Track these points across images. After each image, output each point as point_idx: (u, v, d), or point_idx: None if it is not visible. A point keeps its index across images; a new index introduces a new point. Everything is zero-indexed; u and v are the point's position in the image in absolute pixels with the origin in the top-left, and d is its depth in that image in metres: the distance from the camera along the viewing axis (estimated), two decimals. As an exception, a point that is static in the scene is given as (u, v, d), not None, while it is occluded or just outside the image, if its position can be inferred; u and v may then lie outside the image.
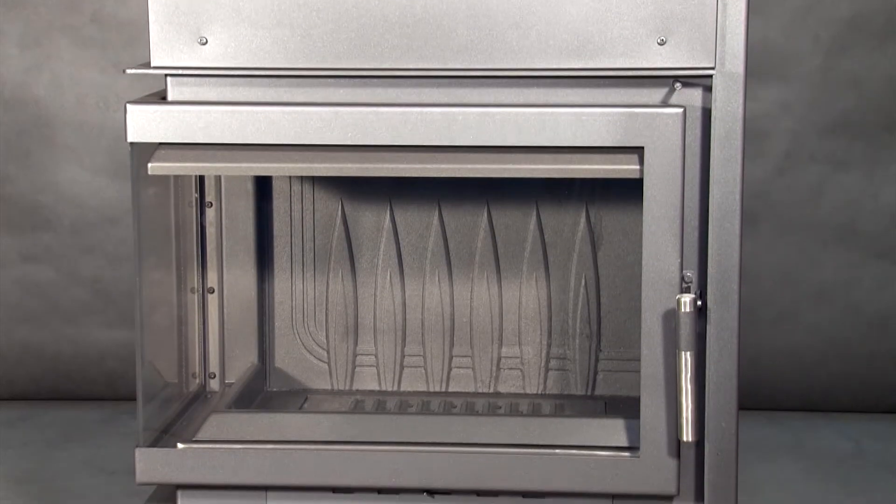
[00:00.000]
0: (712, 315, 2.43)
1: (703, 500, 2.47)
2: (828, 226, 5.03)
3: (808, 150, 4.92)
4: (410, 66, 2.43)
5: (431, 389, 2.93)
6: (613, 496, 2.50)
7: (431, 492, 2.52)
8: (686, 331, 2.38)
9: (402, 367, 2.93)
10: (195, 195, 2.85)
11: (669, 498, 2.49)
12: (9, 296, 5.24)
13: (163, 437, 2.60)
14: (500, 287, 2.90)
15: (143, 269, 2.59)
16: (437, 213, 2.91)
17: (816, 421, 5.02)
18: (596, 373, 2.90)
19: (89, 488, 4.38)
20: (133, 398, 2.55)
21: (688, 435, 2.41)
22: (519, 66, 2.41)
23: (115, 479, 4.43)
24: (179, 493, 2.56)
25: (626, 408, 2.67)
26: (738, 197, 2.42)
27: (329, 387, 2.95)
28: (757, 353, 4.98)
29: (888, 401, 5.12)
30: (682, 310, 2.38)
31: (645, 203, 2.40)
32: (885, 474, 4.48)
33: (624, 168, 2.40)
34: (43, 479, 4.47)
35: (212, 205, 2.88)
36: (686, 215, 2.42)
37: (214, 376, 2.90)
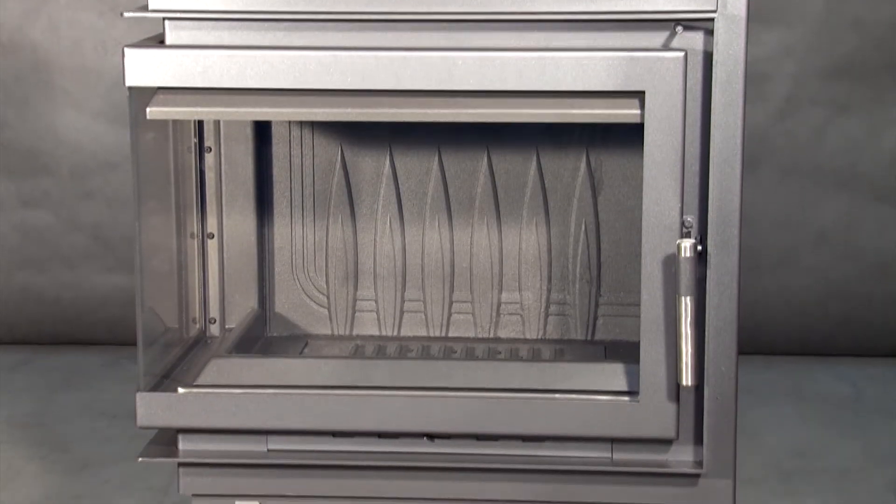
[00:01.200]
0: (712, 260, 2.43)
1: (701, 443, 2.48)
2: (828, 170, 5.02)
3: (809, 93, 4.90)
4: (410, 10, 2.41)
5: (431, 335, 2.93)
6: (613, 440, 2.51)
7: (431, 436, 2.53)
8: (686, 276, 2.38)
9: (402, 313, 2.94)
10: (194, 140, 2.85)
11: (668, 442, 2.50)
12: (8, 241, 5.24)
13: (163, 381, 2.60)
14: (500, 232, 2.90)
15: (142, 214, 2.59)
16: (436, 158, 2.90)
17: (815, 365, 5.04)
18: (596, 318, 2.90)
19: (91, 432, 4.40)
20: (133, 343, 2.56)
21: (687, 379, 2.41)
22: (519, 10, 2.40)
23: (117, 423, 4.45)
24: (180, 436, 2.57)
25: (625, 352, 2.68)
26: (738, 141, 2.41)
27: (329, 332, 2.96)
28: (757, 297, 5.00)
29: (887, 344, 5.13)
30: (682, 255, 2.38)
31: (645, 148, 2.40)
32: (882, 418, 4.50)
33: (624, 112, 2.39)
34: (44, 423, 4.49)
35: (211, 150, 2.87)
36: (687, 160, 2.42)
37: (214, 321, 2.90)
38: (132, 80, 2.44)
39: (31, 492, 3.91)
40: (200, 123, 2.85)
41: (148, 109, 2.45)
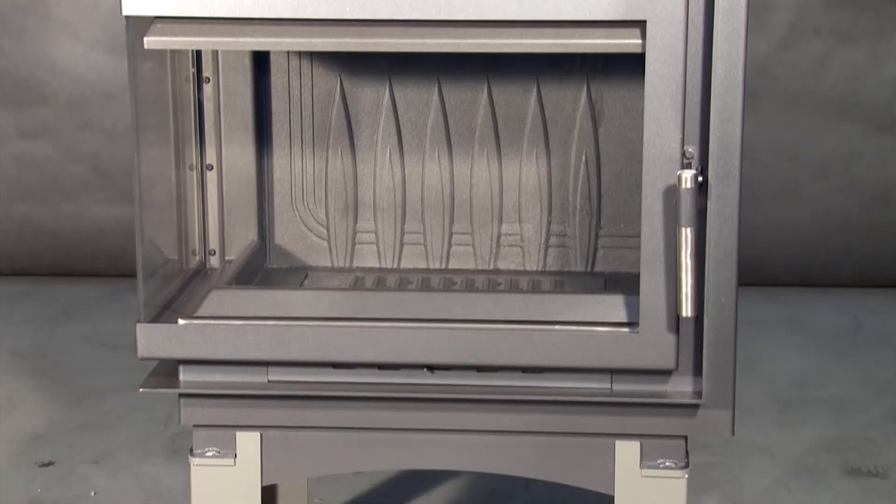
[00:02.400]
0: (713, 191, 2.42)
1: (701, 374, 2.48)
2: (830, 100, 5.00)
3: (812, 22, 4.86)
4: (409, -61, 2.38)
5: (431, 267, 2.93)
6: (612, 371, 2.52)
7: (431, 367, 2.54)
8: (686, 207, 2.38)
9: (401, 245, 2.94)
10: (192, 70, 2.83)
11: (668, 372, 2.51)
12: (7, 172, 5.23)
13: (163, 313, 2.61)
14: (500, 164, 2.89)
15: (140, 145, 2.57)
16: (436, 89, 2.89)
17: (815, 296, 5.05)
18: (596, 249, 2.90)
19: (92, 363, 4.43)
20: (133, 274, 2.56)
21: (687, 310, 2.42)
22: (520, -62, 2.37)
23: (118, 355, 4.48)
24: (181, 367, 2.57)
25: (625, 284, 2.68)
26: (740, 71, 2.39)
27: (329, 264, 2.96)
28: (757, 229, 5.00)
29: (887, 275, 5.14)
30: (683, 186, 2.38)
31: (647, 78, 2.38)
32: (882, 347, 4.52)
33: (625, 42, 2.38)
34: (45, 354, 4.51)
35: (209, 80, 2.85)
36: (688, 90, 2.40)
37: (214, 253, 2.90)
38: (129, 8, 2.42)
39: (33, 421, 3.94)
40: (199, 53, 2.83)
41: (145, 39, 2.43)
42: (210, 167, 2.88)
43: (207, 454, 2.60)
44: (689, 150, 2.42)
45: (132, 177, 2.58)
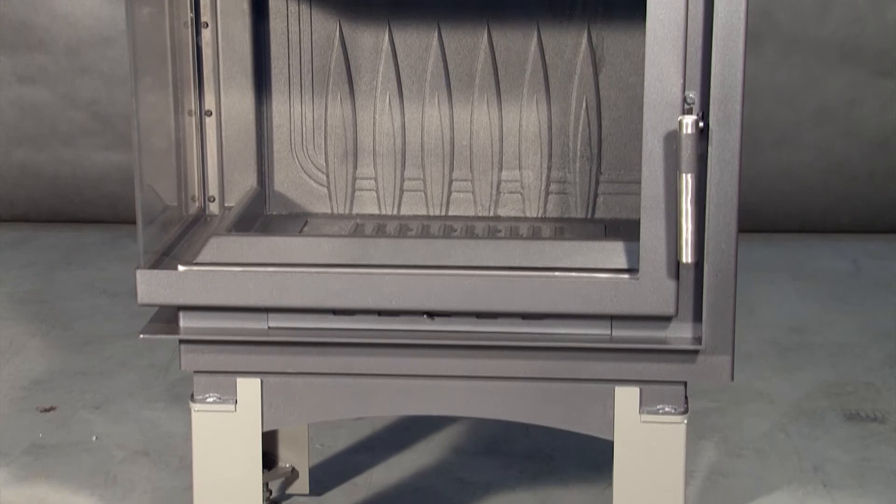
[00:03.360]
0: (714, 136, 2.41)
1: (700, 320, 2.49)
2: (832, 44, 4.97)
3: (814, -34, 4.83)
4: None
5: (431, 213, 2.93)
6: (612, 317, 2.52)
7: (431, 314, 2.54)
8: (687, 152, 2.37)
9: (401, 191, 2.93)
10: (190, 15, 2.81)
11: (667, 318, 2.51)
12: (6, 117, 5.21)
13: (163, 259, 2.61)
14: (500, 110, 2.88)
15: (139, 91, 2.56)
16: (436, 33, 2.87)
17: (814, 242, 5.05)
18: (596, 196, 2.89)
19: (92, 309, 4.43)
20: (133, 221, 2.56)
21: (687, 256, 2.41)
22: None
23: (118, 301, 4.48)
24: (181, 314, 2.58)
25: (625, 230, 2.67)
26: (742, 15, 2.38)
27: (329, 210, 2.95)
28: (757, 174, 4.99)
29: (887, 220, 5.13)
30: (684, 131, 2.37)
31: (648, 22, 2.36)
32: (880, 292, 4.52)
33: (627, -13, 2.36)
34: (46, 300, 4.52)
35: (207, 25, 2.84)
36: (689, 35, 2.39)
37: (214, 200, 2.89)
38: (126, -46, 2.40)
39: (34, 367, 3.95)
40: (196, -2, 2.81)
41: (142, -16, 2.41)
42: (209, 113, 2.87)
43: (208, 400, 2.61)
44: (690, 95, 2.41)
45: (131, 123, 2.57)
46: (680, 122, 2.37)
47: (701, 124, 2.38)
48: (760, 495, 3.15)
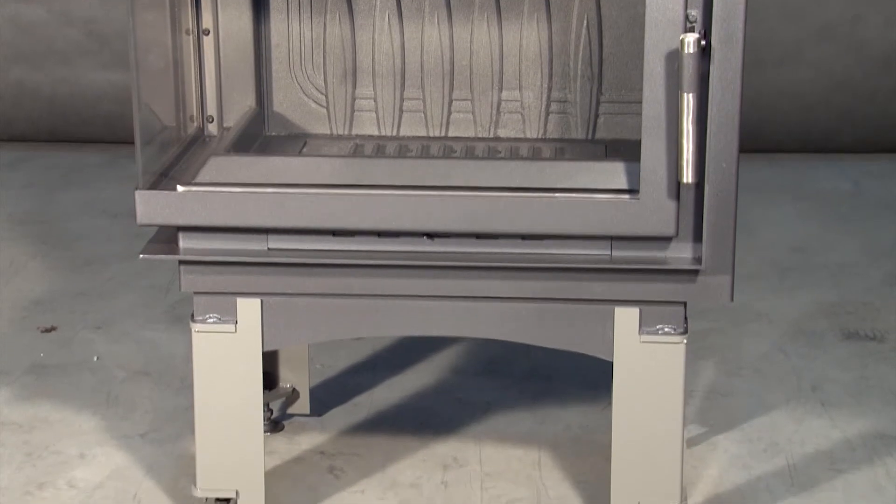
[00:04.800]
0: (716, 55, 2.39)
1: (701, 240, 2.48)
2: (836, -38, 4.92)
3: None
4: None
5: (431, 134, 2.91)
6: (612, 238, 2.51)
7: (431, 234, 2.53)
8: (689, 71, 2.35)
9: (401, 112, 2.91)
10: (187, -68, 2.78)
11: (668, 239, 2.51)
12: (2, 35, 5.17)
13: (162, 179, 2.60)
14: (500, 29, 2.85)
15: (135, 8, 2.54)
16: (435, -50, 2.84)
17: (816, 162, 5.04)
18: (597, 116, 2.88)
19: (92, 229, 4.43)
20: (131, 141, 2.54)
21: (688, 176, 2.41)
22: None
23: (117, 222, 4.48)
24: (180, 234, 2.57)
25: (626, 151, 2.66)
26: (745, -68, 2.35)
27: (328, 131, 2.94)
28: (759, 93, 4.96)
29: (889, 139, 5.11)
30: (686, 50, 2.35)
31: (650, -60, 2.34)
32: (882, 211, 4.52)
33: None
34: (45, 221, 4.51)
35: (204, -57, 2.80)
36: (692, -48, 2.36)
37: (212, 120, 2.88)
38: None
39: (34, 287, 3.95)
40: (193, -85, 2.78)
41: None
42: (206, 32, 2.84)
43: (208, 321, 2.61)
44: (693, 13, 2.39)
45: (128, 41, 2.55)
46: (682, 41, 2.35)
47: (703, 42, 2.36)
48: (759, 414, 3.17)
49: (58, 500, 2.83)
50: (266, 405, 3.02)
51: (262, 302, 2.60)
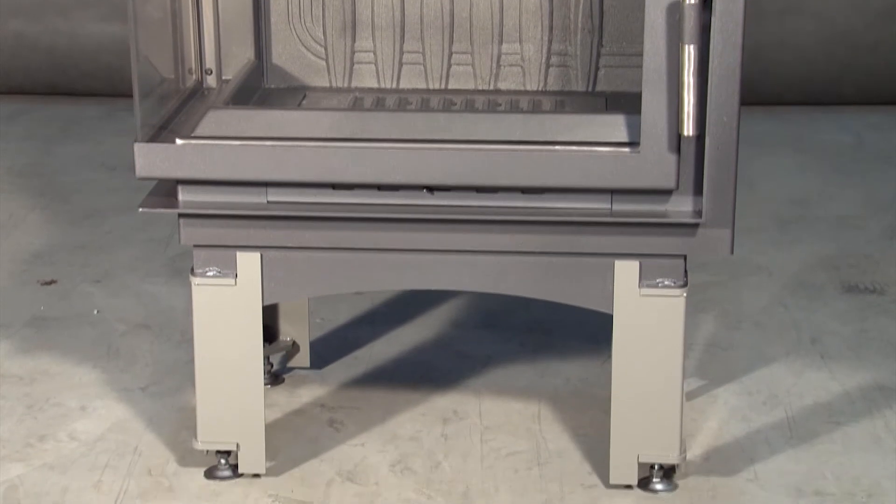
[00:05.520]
0: (717, 6, 2.38)
1: (701, 193, 2.48)
2: (838, -88, 4.89)
3: None
4: None
5: (431, 87, 2.90)
6: (612, 191, 2.51)
7: (431, 188, 2.53)
8: (690, 23, 2.34)
9: (400, 64, 2.90)
10: None
11: (668, 192, 2.50)
12: (-2, -13, 5.14)
13: (161, 132, 2.59)
14: (500, -20, 2.83)
15: (133, -39, 2.52)
16: None
17: (817, 115, 5.02)
18: (597, 69, 2.86)
19: (91, 182, 4.42)
20: (130, 94, 2.53)
21: (688, 129, 2.40)
22: None
23: (116, 175, 4.47)
24: (180, 187, 2.57)
25: (627, 103, 2.65)
26: None
27: (327, 84, 2.92)
28: (760, 45, 4.93)
29: (890, 91, 5.09)
30: (687, 1, 2.34)
31: None
32: (882, 164, 4.51)
33: None
34: (44, 174, 4.50)
35: None
36: None
37: (211, 72, 2.86)
38: None
39: (33, 240, 3.95)
40: None
41: None
42: (205, -16, 2.83)
43: (208, 274, 2.61)
44: (694, -35, 2.37)
45: (126, -7, 2.53)
46: (683, -7, 2.33)
47: (704, -6, 2.35)
48: (758, 367, 3.18)
49: (59, 452, 2.84)
50: (266, 359, 3.03)
51: (261, 255, 2.60)
